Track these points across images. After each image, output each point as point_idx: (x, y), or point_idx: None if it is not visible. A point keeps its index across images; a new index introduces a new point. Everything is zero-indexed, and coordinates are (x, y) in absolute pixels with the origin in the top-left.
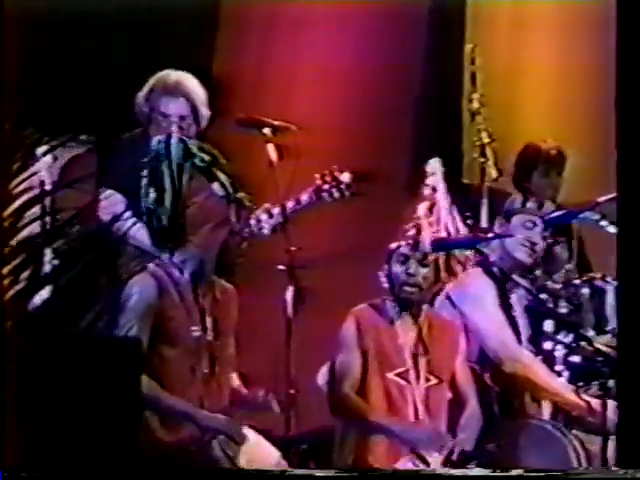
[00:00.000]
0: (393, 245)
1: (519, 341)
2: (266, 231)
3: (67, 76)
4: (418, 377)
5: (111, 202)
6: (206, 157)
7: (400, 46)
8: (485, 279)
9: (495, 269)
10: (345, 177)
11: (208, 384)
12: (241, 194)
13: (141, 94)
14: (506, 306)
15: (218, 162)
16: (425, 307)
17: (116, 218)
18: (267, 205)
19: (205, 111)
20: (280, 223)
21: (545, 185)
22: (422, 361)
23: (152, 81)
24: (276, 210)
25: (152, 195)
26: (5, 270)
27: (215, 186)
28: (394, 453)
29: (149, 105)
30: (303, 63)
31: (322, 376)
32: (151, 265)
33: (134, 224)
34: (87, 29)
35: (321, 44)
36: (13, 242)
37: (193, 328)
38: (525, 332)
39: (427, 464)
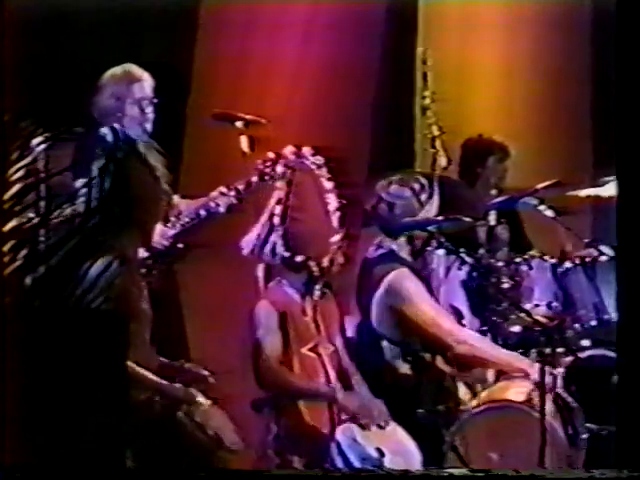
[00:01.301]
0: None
1: (462, 317)
2: (222, 209)
3: (58, 73)
4: (324, 347)
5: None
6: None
7: (361, 47)
8: (412, 278)
9: (408, 259)
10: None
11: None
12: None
13: (104, 90)
14: (432, 292)
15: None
16: (318, 286)
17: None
18: (221, 188)
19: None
20: (234, 203)
21: (497, 171)
22: (322, 332)
23: (108, 80)
24: (231, 192)
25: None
26: (4, 249)
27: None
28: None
29: (117, 97)
30: (275, 62)
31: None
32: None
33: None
34: (77, 28)
35: (292, 44)
36: (11, 224)
37: (142, 301)
38: (470, 306)
39: (368, 429)
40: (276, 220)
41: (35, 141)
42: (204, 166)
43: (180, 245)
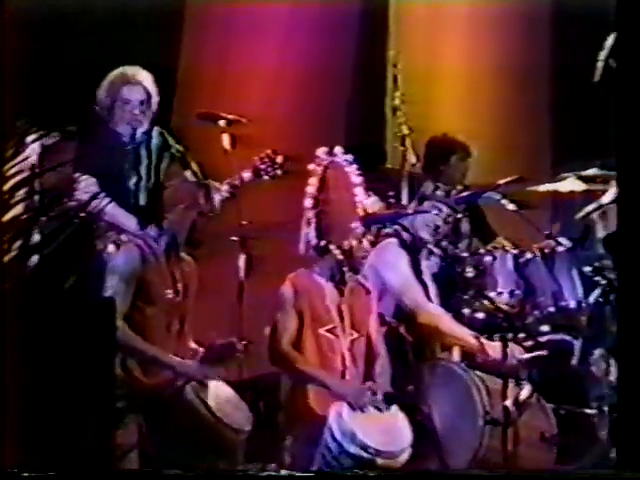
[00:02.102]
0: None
1: (429, 299)
2: (216, 204)
3: (51, 73)
4: (344, 332)
5: (88, 184)
6: (180, 148)
7: (336, 51)
8: (398, 248)
9: (408, 239)
10: (279, 159)
11: (180, 338)
12: (209, 180)
13: (102, 89)
14: (417, 270)
15: (190, 153)
16: (348, 274)
17: (93, 197)
18: (216, 184)
19: (156, 98)
20: (227, 198)
21: (460, 168)
22: (346, 319)
23: (110, 77)
24: (224, 187)
25: (133, 178)
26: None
27: (188, 173)
28: (326, 400)
29: (111, 97)
30: (255, 63)
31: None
32: (133, 237)
33: (108, 203)
34: (68, 30)
35: (270, 47)
36: (7, 217)
37: (167, 291)
38: (437, 293)
39: (362, 410)
40: (310, 214)
41: (29, 138)
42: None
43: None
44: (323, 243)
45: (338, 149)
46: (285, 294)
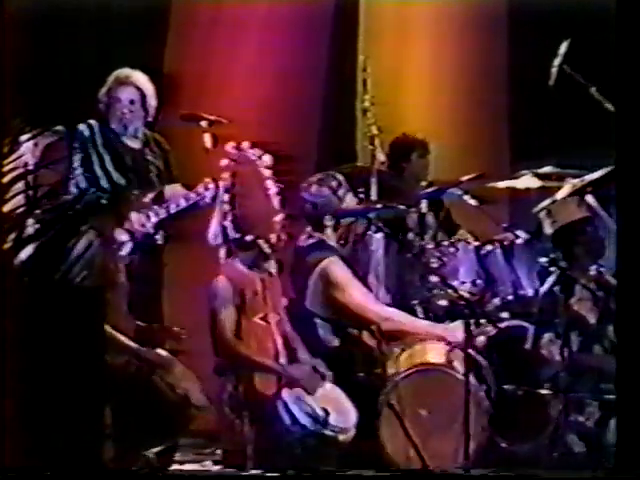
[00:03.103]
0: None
1: (397, 295)
2: (208, 200)
3: (43, 73)
4: (272, 317)
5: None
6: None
7: (310, 56)
8: (341, 267)
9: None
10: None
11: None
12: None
13: (103, 90)
14: (364, 281)
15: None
16: (267, 264)
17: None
18: (206, 180)
19: (153, 102)
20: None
21: (420, 164)
22: (269, 305)
23: (111, 77)
24: (211, 185)
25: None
26: None
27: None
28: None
29: (108, 97)
30: (235, 67)
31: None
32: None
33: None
34: (56, 31)
35: (249, 50)
36: (2, 211)
37: (119, 274)
38: (402, 284)
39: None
40: (225, 207)
41: (23, 137)
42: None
43: (157, 236)
44: (250, 238)
45: (245, 144)
46: (222, 286)
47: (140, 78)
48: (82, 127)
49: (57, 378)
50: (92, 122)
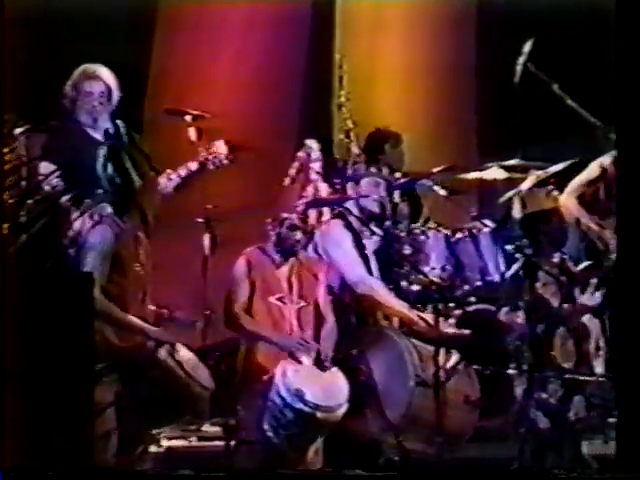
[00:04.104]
0: (285, 215)
1: (371, 273)
2: (170, 189)
3: (35, 71)
4: (292, 301)
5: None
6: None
7: (290, 54)
8: (342, 227)
9: (352, 220)
10: (222, 149)
11: (143, 305)
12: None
13: (68, 84)
14: (360, 247)
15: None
16: (298, 251)
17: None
18: (168, 170)
19: (117, 93)
20: (179, 184)
21: (395, 155)
22: (294, 289)
23: (75, 73)
24: (173, 175)
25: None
26: None
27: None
28: (275, 357)
29: (75, 91)
30: (218, 64)
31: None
32: (106, 218)
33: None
34: (51, 29)
35: (231, 48)
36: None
37: (136, 264)
38: (378, 267)
39: (300, 363)
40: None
41: (17, 131)
42: (159, 152)
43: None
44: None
45: (315, 145)
46: (239, 266)
47: (105, 72)
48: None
49: (50, 364)
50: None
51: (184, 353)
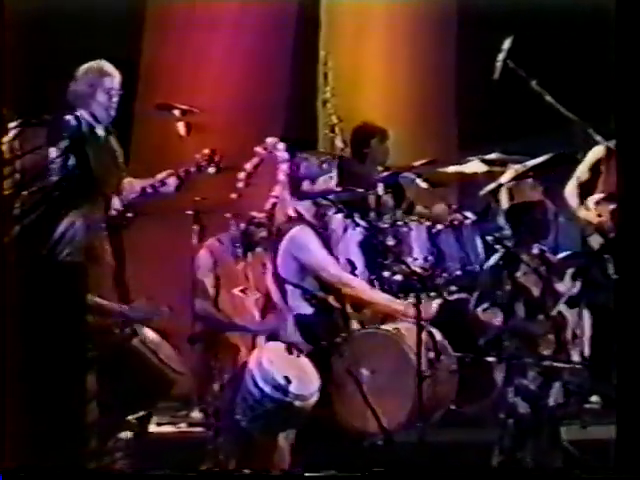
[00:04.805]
0: (254, 213)
1: (355, 268)
2: (171, 189)
3: (29, 67)
4: (251, 292)
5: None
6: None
7: (276, 51)
8: (307, 232)
9: (311, 221)
10: (216, 157)
11: (114, 293)
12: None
13: (80, 79)
14: (327, 246)
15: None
16: (257, 248)
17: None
18: (170, 171)
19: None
20: (179, 184)
21: (380, 150)
22: (251, 281)
23: (86, 69)
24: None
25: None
26: None
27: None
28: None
29: (92, 88)
30: (207, 61)
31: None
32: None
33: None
34: (45, 28)
35: (220, 46)
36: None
37: (106, 254)
38: (363, 259)
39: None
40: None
41: (11, 125)
42: (149, 146)
43: (129, 214)
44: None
45: (281, 145)
46: (204, 259)
47: (115, 70)
48: (69, 117)
49: (40, 342)
50: (78, 113)
51: (148, 334)
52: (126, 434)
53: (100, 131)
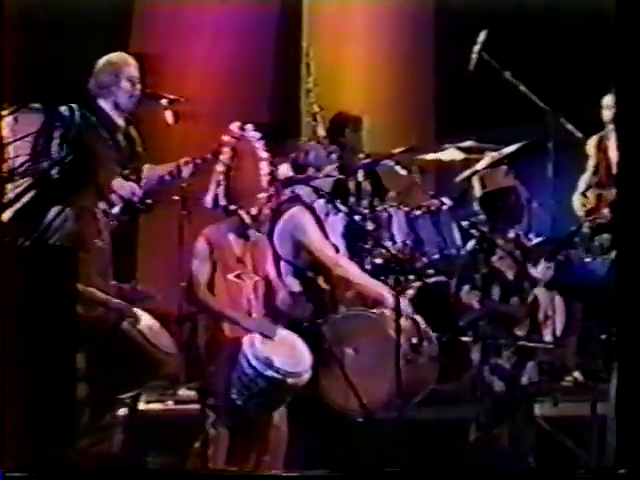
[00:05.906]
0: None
1: (338, 251)
2: (185, 176)
3: (23, 59)
4: (248, 277)
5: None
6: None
7: (261, 42)
8: (305, 213)
9: (312, 203)
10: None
11: (106, 280)
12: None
13: (103, 71)
14: (323, 228)
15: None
16: (252, 232)
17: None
18: (187, 158)
19: None
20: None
21: (355, 138)
22: (249, 266)
23: (106, 61)
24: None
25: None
26: None
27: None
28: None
29: (114, 75)
30: (193, 51)
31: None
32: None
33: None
34: (41, 26)
35: (206, 40)
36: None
37: (97, 240)
38: (344, 243)
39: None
40: (220, 177)
41: (3, 113)
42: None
43: (148, 200)
44: (233, 207)
45: (249, 126)
46: (201, 247)
47: (132, 59)
48: (62, 108)
49: (31, 327)
50: (73, 105)
51: (146, 320)
52: (124, 410)
53: (120, 121)
